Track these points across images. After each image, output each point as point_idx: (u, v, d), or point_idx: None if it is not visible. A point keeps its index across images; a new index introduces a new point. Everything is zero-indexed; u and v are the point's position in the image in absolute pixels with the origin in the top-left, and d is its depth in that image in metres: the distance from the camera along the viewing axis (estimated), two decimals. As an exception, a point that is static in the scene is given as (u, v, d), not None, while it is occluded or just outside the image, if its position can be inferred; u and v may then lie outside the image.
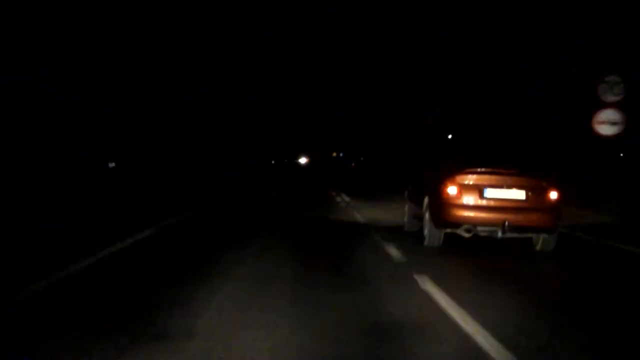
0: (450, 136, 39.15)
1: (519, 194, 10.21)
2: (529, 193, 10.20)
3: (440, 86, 39.02)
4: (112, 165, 35.03)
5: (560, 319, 6.41)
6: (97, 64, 33.56)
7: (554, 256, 10.38)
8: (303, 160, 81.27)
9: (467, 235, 10.30)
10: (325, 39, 50.89)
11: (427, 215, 10.67)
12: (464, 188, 10.19)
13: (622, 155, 31.00)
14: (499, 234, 10.11)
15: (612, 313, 6.84)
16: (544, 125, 29.79)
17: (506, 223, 9.98)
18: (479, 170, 10.34)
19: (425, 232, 10.71)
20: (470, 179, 10.23)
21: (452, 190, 10.18)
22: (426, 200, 10.79)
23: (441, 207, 10.23)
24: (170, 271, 8.51)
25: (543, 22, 29.04)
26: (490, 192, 10.18)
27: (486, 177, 10.27)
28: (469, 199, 10.17)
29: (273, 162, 76.78)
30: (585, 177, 24.00)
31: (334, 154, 77.75)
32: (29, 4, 25.30)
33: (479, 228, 10.21)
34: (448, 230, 10.46)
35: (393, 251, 10.11)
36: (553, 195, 10.26)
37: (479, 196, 10.16)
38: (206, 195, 23.41)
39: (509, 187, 10.21)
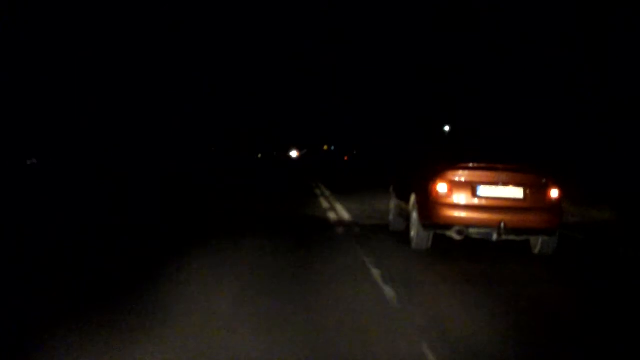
0: (447, 128, 38.23)
1: (516, 192, 8.94)
2: (528, 191, 8.93)
3: (440, 82, 38.12)
4: (32, 161, 32.30)
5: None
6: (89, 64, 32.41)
7: (554, 262, 9.10)
8: (294, 153, 79.18)
9: (458, 237, 9.01)
10: (325, 32, 49.68)
11: (414, 215, 9.40)
12: (455, 185, 8.91)
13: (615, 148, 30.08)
14: (494, 237, 8.83)
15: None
16: (543, 118, 28.89)
17: (502, 224, 8.72)
18: (471, 165, 9.07)
19: (412, 233, 9.44)
20: (462, 175, 8.96)
21: (442, 187, 8.91)
22: (413, 197, 9.53)
23: (429, 206, 8.96)
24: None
25: (544, 18, 28.15)
26: (484, 190, 8.92)
27: (480, 173, 8.99)
28: (461, 197, 8.89)
29: (260, 155, 73.38)
30: (583, 170, 22.91)
31: (325, 147, 75.80)
32: None
33: (472, 230, 8.91)
34: (437, 231, 9.19)
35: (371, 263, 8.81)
36: (554, 193, 9.00)
37: (472, 194, 8.89)
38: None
39: (505, 184, 8.94)
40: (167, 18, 38.19)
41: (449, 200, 8.87)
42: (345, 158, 58.72)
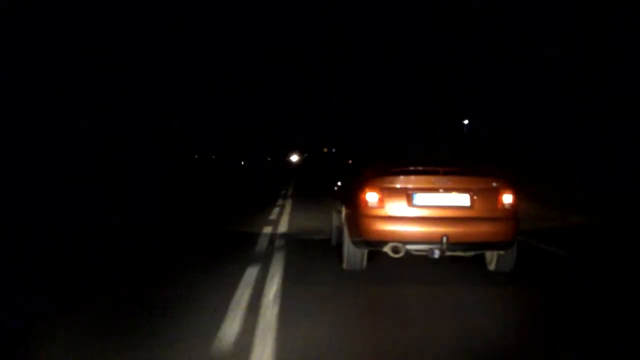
0: (466, 121, 37.07)
1: (461, 199, 7.25)
2: (475, 197, 7.24)
3: (440, 82, 37.02)
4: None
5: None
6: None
7: (508, 281, 7.42)
8: (294, 158, 75.88)
9: (395, 255, 7.32)
10: (325, 32, 48.48)
11: (345, 230, 7.75)
12: (388, 194, 7.23)
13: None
14: (436, 254, 7.17)
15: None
16: (543, 118, 27.75)
17: (444, 238, 7.06)
18: (408, 169, 7.39)
19: (344, 251, 7.78)
20: (396, 182, 7.26)
21: (371, 197, 7.24)
22: (344, 210, 7.89)
23: (359, 219, 7.29)
24: None
25: (544, 18, 26.99)
26: (422, 198, 7.24)
27: (416, 178, 7.29)
28: (395, 207, 7.21)
29: (243, 163, 69.23)
30: (583, 171, 21.30)
31: (325, 150, 72.98)
32: None
33: (410, 246, 7.24)
34: (370, 249, 7.55)
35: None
36: (507, 198, 7.29)
37: (408, 203, 7.23)
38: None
39: (448, 190, 7.25)
40: (167, 18, 36.92)
41: (380, 212, 7.20)
42: (349, 162, 56.76)
